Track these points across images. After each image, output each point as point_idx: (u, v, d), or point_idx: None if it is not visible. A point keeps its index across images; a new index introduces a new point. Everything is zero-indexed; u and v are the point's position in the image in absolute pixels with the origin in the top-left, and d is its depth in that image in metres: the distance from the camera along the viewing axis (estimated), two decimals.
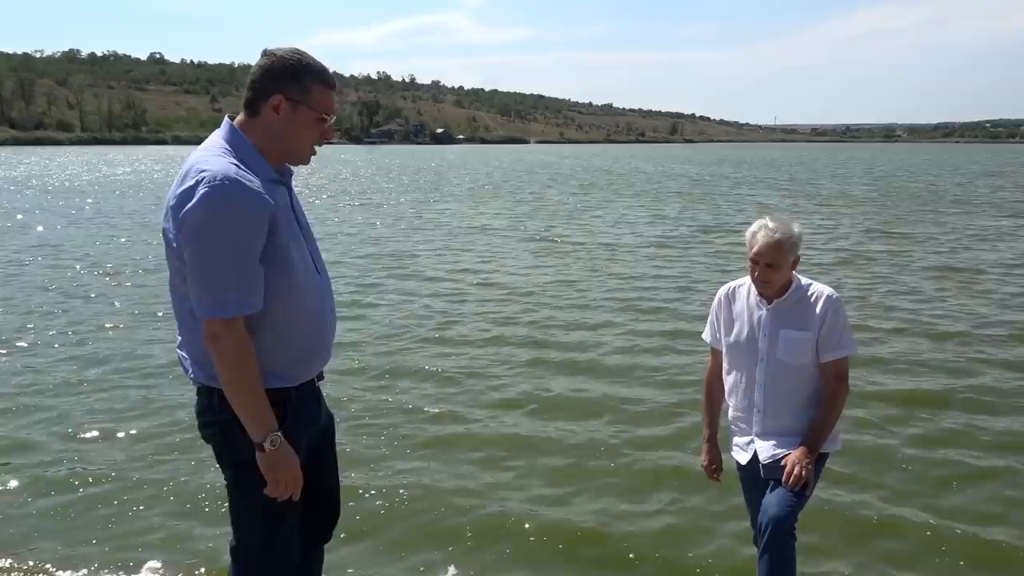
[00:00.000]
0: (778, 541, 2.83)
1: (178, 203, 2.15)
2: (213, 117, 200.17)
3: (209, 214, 2.11)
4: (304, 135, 2.33)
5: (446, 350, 8.07)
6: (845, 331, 3.04)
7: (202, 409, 2.38)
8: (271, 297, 2.23)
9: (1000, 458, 5.33)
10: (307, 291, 2.34)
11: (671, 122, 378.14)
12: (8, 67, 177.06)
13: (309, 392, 2.47)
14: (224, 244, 2.12)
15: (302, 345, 2.36)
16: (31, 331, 8.77)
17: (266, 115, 2.28)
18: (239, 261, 2.14)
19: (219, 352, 2.17)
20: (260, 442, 2.23)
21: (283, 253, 2.25)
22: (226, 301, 2.14)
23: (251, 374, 2.20)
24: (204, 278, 2.14)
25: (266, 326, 2.25)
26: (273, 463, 2.26)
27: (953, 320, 9.22)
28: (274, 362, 2.29)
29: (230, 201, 2.12)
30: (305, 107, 2.29)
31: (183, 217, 2.13)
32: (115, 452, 5.51)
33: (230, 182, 2.12)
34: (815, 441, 2.98)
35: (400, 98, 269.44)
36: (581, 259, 14.17)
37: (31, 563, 4.07)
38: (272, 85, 2.26)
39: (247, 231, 2.14)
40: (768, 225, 2.98)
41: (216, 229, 2.11)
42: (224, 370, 2.19)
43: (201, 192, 2.10)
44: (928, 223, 19.83)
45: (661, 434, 5.82)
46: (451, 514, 4.60)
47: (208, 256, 2.13)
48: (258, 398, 2.22)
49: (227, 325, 2.15)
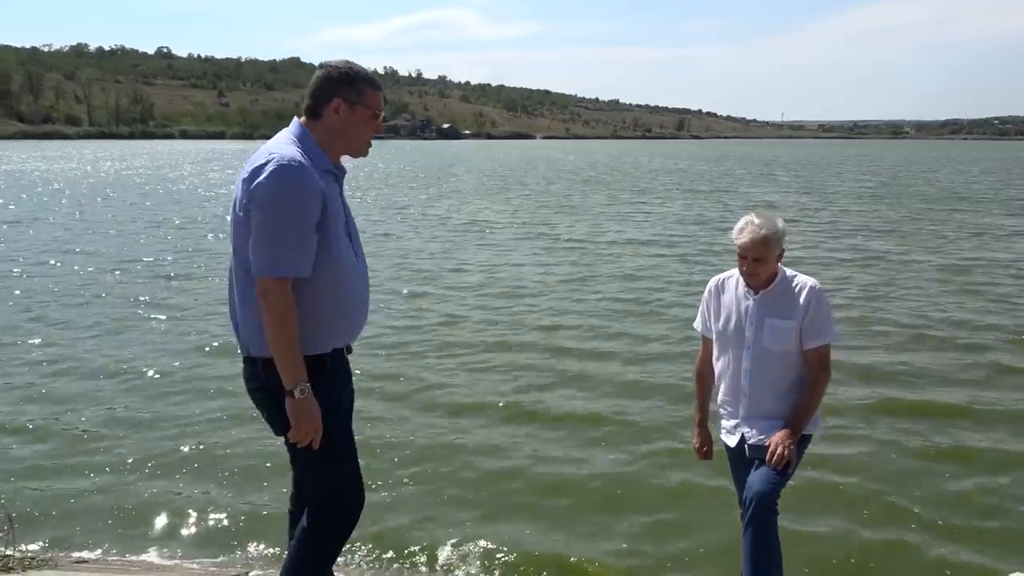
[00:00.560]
0: (762, 515, 3.02)
1: (251, 176, 2.51)
2: (220, 112, 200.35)
3: (276, 186, 2.46)
4: (362, 130, 2.72)
5: (448, 355, 8.25)
6: (827, 320, 3.22)
7: (249, 376, 2.69)
8: (316, 271, 2.56)
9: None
10: (348, 270, 2.67)
11: (678, 118, 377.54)
12: (16, 61, 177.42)
13: (342, 360, 2.78)
14: (285, 213, 2.47)
15: (340, 317, 2.68)
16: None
17: (328, 117, 2.66)
18: (295, 229, 2.48)
19: (267, 305, 2.49)
20: (291, 389, 2.52)
21: (331, 234, 2.59)
22: (280, 262, 2.48)
23: (291, 329, 2.51)
24: (265, 240, 2.48)
25: (312, 296, 2.57)
26: (300, 410, 2.53)
27: (967, 324, 9.22)
28: (315, 328, 2.60)
29: (294, 178, 2.48)
30: (361, 107, 2.67)
31: (254, 188, 2.48)
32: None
33: (296, 163, 2.50)
34: (798, 423, 3.17)
35: (407, 93, 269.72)
36: (591, 256, 14.32)
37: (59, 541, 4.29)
38: (331, 91, 2.64)
39: (304, 205, 2.49)
40: (754, 221, 3.16)
41: (280, 199, 2.47)
42: (270, 322, 2.50)
43: (270, 169, 2.47)
44: (939, 222, 19.86)
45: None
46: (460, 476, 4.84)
47: (271, 221, 2.47)
48: (294, 350, 2.51)
49: (278, 283, 2.49)
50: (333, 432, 2.65)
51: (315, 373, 2.60)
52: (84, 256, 14.19)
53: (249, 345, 2.63)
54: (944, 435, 5.79)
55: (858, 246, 15.39)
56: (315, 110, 2.67)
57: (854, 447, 5.55)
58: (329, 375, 2.67)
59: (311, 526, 2.78)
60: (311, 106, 2.68)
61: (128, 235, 17.25)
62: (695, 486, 4.93)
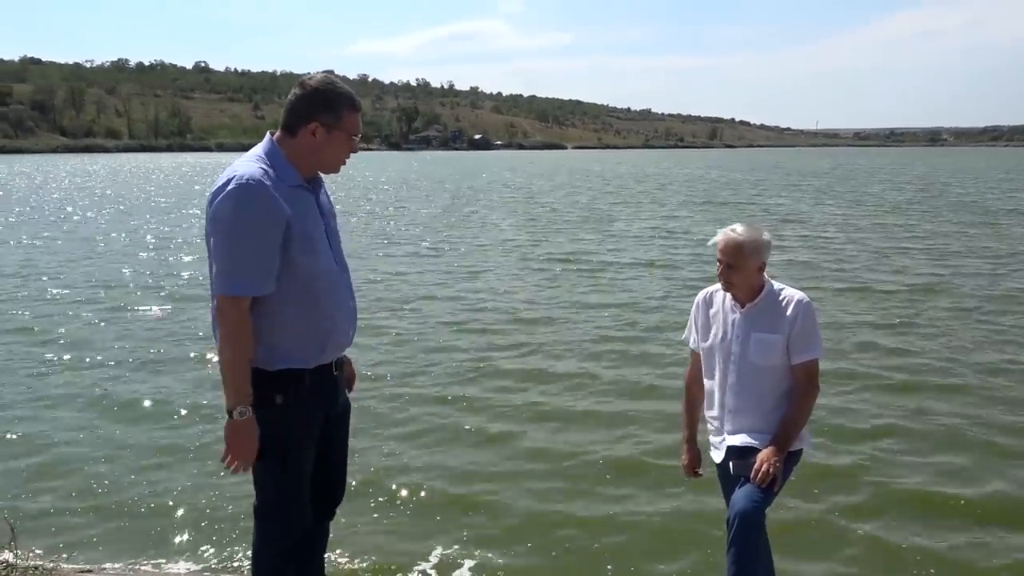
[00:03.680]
0: (744, 535, 2.96)
1: (212, 197, 2.51)
2: (256, 124, 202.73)
3: (232, 206, 2.45)
4: (338, 152, 2.69)
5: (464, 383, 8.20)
6: (815, 334, 3.17)
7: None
8: (289, 286, 2.55)
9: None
10: (324, 285, 2.65)
11: (710, 127, 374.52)
12: (60, 76, 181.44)
13: (326, 377, 2.75)
14: (241, 232, 2.46)
15: (317, 331, 2.65)
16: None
17: (303, 137, 2.61)
18: (252, 249, 2.47)
19: (221, 324, 2.51)
20: (230, 409, 2.52)
21: (300, 252, 2.55)
22: (233, 280, 2.48)
23: (241, 349, 2.50)
24: (221, 259, 2.49)
25: (284, 312, 2.56)
26: (234, 432, 2.54)
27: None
28: (291, 343, 2.59)
29: (251, 197, 2.46)
30: (338, 131, 2.63)
31: (213, 208, 2.49)
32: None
33: (255, 182, 2.48)
34: (785, 440, 3.10)
35: (439, 104, 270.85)
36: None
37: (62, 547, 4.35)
38: (309, 112, 2.60)
39: (263, 225, 2.47)
40: (735, 228, 3.16)
41: (235, 219, 2.46)
42: (221, 341, 2.51)
43: (230, 188, 2.47)
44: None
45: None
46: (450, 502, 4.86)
47: (226, 242, 2.47)
48: (241, 372, 2.52)
49: (232, 303, 2.49)
50: (290, 451, 2.65)
51: (292, 388, 2.60)
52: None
53: None
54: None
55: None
56: (290, 128, 2.63)
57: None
58: (307, 392, 2.66)
59: (254, 528, 2.84)
60: (287, 123, 2.64)
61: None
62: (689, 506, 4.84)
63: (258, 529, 2.83)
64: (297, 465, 2.71)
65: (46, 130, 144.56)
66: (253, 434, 2.55)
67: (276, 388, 2.59)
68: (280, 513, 2.76)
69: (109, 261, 15.26)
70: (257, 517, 2.83)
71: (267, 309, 2.54)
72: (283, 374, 2.60)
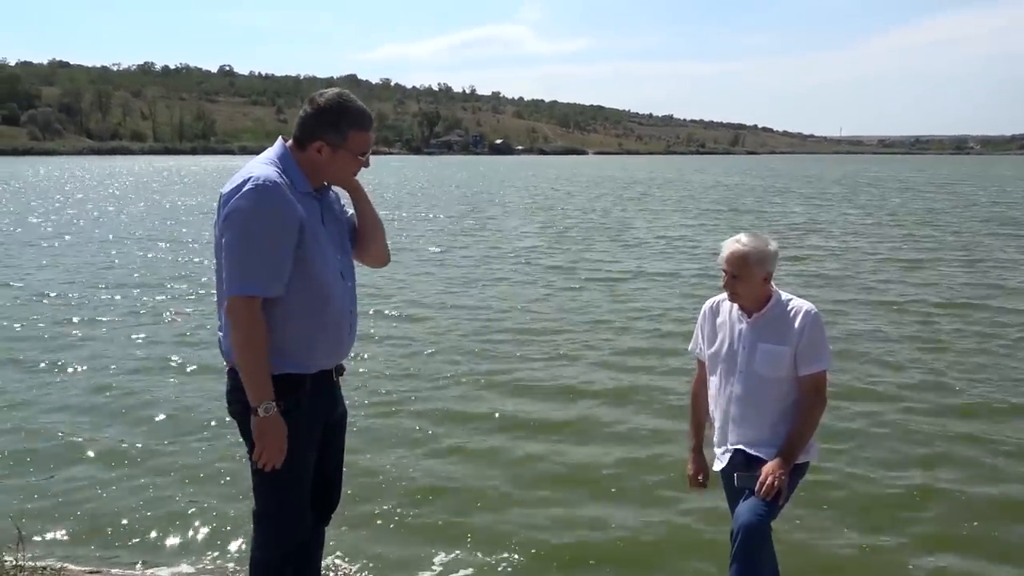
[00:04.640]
0: (748, 549, 2.92)
1: (227, 197, 2.53)
2: (278, 128, 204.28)
3: (249, 206, 2.47)
4: (345, 169, 2.71)
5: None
6: (823, 346, 3.12)
7: (229, 389, 2.71)
8: (295, 292, 2.55)
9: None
10: (329, 293, 2.65)
11: (733, 133, 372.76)
12: (87, 79, 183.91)
13: (326, 383, 2.77)
14: (256, 233, 2.47)
15: (320, 338, 2.67)
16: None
17: (310, 153, 2.64)
18: (266, 250, 2.49)
19: (235, 324, 2.50)
20: (255, 407, 2.52)
21: (309, 256, 2.57)
22: (246, 281, 2.48)
23: (258, 348, 2.51)
24: (234, 260, 2.49)
25: (290, 317, 2.57)
26: (263, 429, 2.54)
27: None
28: (293, 348, 2.60)
29: (268, 198, 2.48)
30: (343, 151, 2.65)
31: (229, 208, 2.50)
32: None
33: (272, 184, 2.50)
34: (791, 452, 3.06)
35: (460, 109, 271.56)
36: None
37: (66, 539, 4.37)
38: (315, 131, 2.62)
39: (277, 226, 2.49)
40: (741, 239, 3.12)
41: (252, 219, 2.47)
42: (236, 341, 2.51)
43: (246, 189, 2.49)
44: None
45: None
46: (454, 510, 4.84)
47: (241, 242, 2.48)
48: (261, 369, 2.52)
49: (245, 303, 2.49)
50: (289, 458, 2.63)
51: (293, 393, 2.60)
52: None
53: (229, 357, 2.66)
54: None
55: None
56: (300, 142, 2.67)
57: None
58: (308, 397, 2.66)
59: (253, 534, 2.84)
60: (297, 137, 2.68)
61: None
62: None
63: (257, 535, 2.84)
64: (297, 471, 2.72)
65: (73, 132, 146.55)
66: (281, 430, 2.56)
67: (277, 393, 2.58)
68: (279, 519, 2.77)
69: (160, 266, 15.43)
70: (256, 523, 2.83)
71: (271, 313, 2.55)
72: (284, 379, 2.60)
